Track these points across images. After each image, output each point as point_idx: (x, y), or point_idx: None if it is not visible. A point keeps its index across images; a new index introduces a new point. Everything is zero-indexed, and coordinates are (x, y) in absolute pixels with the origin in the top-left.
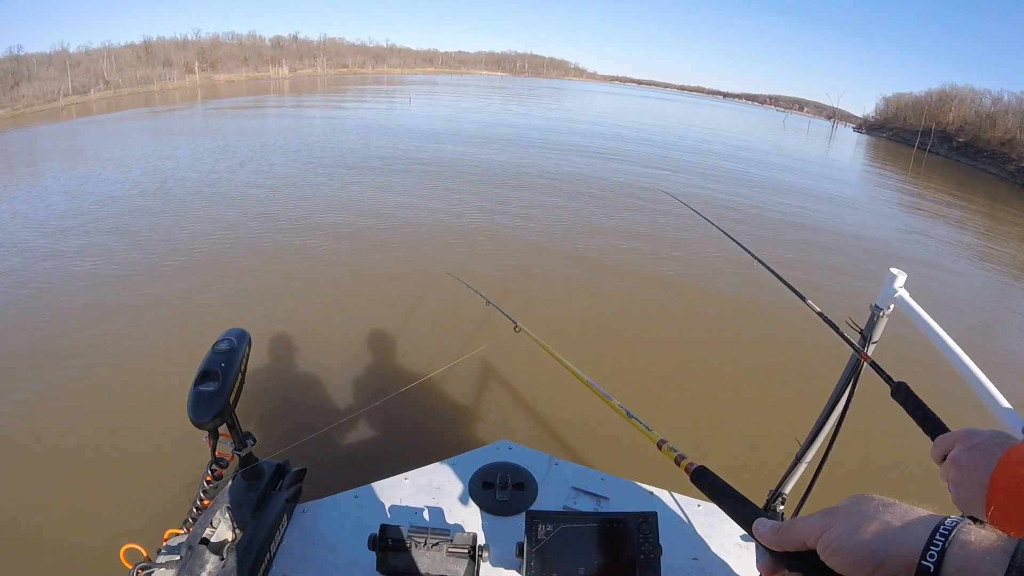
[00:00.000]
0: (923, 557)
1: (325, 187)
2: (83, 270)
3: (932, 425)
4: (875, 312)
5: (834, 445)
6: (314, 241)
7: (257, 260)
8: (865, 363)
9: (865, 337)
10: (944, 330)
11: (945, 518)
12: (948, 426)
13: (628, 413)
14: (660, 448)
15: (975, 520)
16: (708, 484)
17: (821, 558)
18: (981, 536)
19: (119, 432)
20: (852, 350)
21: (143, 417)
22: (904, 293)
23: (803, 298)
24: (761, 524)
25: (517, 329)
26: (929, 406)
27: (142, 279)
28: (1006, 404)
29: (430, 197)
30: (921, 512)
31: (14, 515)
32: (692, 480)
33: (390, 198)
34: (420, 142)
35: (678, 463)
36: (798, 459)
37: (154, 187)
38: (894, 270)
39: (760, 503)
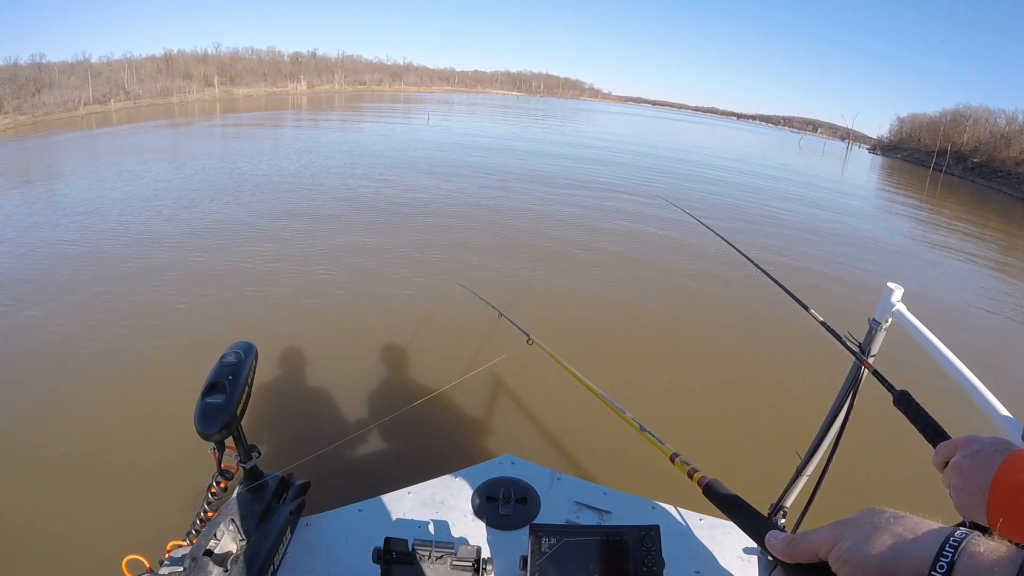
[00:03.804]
0: (933, 568)
1: (336, 200)
2: (90, 279)
3: (934, 432)
4: (873, 326)
5: (834, 458)
6: (324, 253)
7: (266, 272)
8: (864, 376)
9: (864, 350)
10: (942, 342)
11: (955, 530)
12: (950, 434)
13: (641, 427)
14: (673, 461)
15: (977, 527)
16: (720, 497)
17: (833, 569)
18: (990, 548)
19: (124, 442)
20: (851, 364)
21: (149, 428)
22: (901, 307)
23: (806, 308)
24: (773, 536)
25: (530, 342)
26: (930, 414)
27: (150, 289)
28: (1006, 412)
29: (444, 210)
30: (931, 524)
31: (15, 525)
32: (704, 493)
33: (403, 210)
34: (436, 158)
35: (691, 476)
36: (799, 472)
37: (164, 198)
38: (891, 284)
39: None
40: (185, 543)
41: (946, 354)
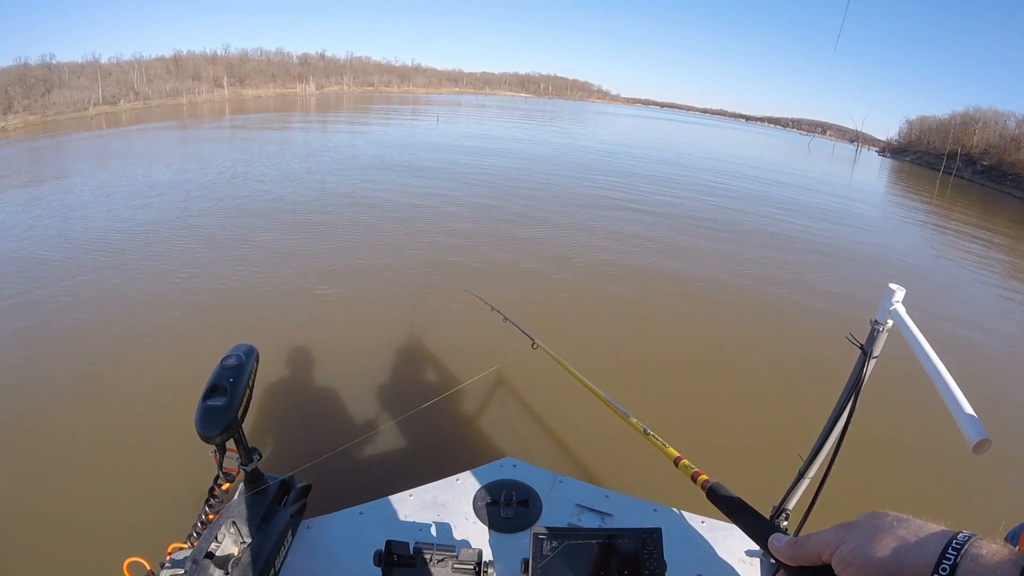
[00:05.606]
0: (936, 570)
1: (341, 203)
2: (90, 279)
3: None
4: (874, 327)
5: (837, 460)
6: (328, 256)
7: (268, 274)
8: (867, 378)
9: (865, 352)
10: (933, 349)
11: (958, 533)
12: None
13: (645, 431)
14: (676, 465)
15: None
16: (723, 500)
17: (836, 571)
18: (992, 550)
19: (124, 444)
20: (854, 367)
21: (149, 430)
22: (900, 308)
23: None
24: (777, 539)
25: (535, 346)
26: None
27: (150, 290)
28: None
29: (450, 214)
30: (934, 527)
31: (16, 527)
32: (708, 496)
33: (409, 215)
34: (444, 162)
35: (694, 479)
36: (801, 474)
37: (170, 199)
38: (893, 285)
39: None
40: (186, 545)
41: (935, 361)
